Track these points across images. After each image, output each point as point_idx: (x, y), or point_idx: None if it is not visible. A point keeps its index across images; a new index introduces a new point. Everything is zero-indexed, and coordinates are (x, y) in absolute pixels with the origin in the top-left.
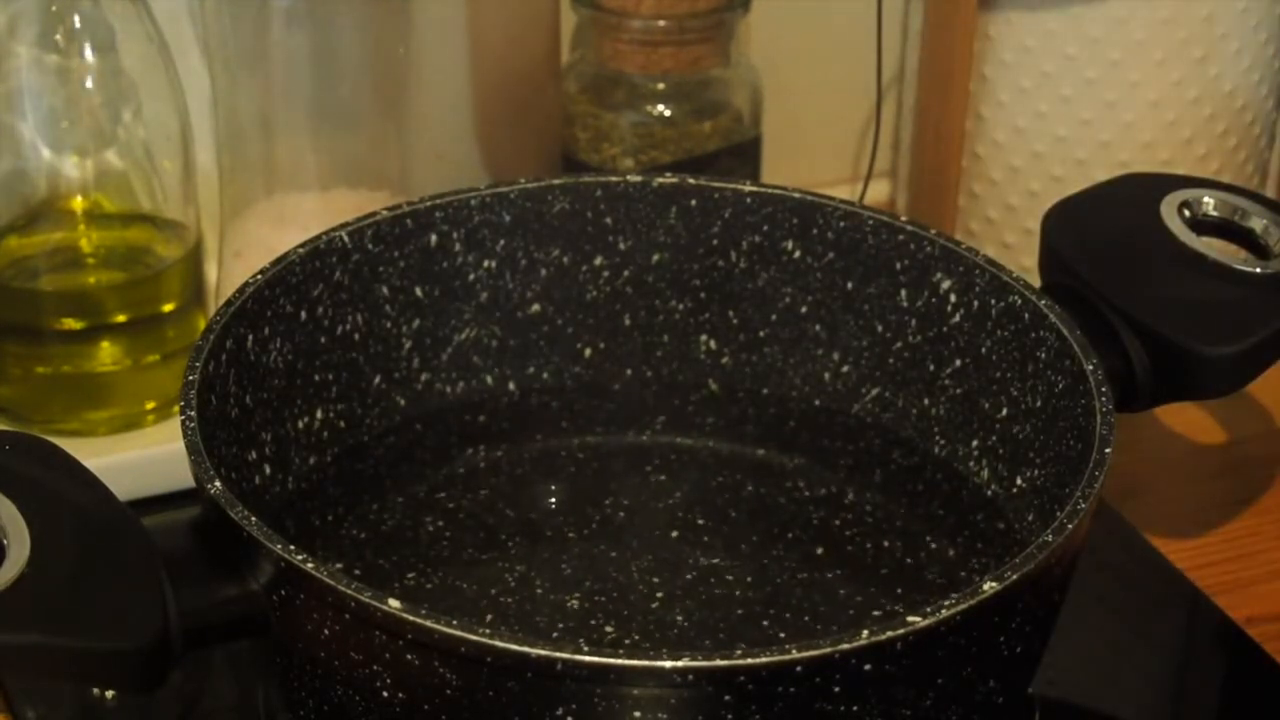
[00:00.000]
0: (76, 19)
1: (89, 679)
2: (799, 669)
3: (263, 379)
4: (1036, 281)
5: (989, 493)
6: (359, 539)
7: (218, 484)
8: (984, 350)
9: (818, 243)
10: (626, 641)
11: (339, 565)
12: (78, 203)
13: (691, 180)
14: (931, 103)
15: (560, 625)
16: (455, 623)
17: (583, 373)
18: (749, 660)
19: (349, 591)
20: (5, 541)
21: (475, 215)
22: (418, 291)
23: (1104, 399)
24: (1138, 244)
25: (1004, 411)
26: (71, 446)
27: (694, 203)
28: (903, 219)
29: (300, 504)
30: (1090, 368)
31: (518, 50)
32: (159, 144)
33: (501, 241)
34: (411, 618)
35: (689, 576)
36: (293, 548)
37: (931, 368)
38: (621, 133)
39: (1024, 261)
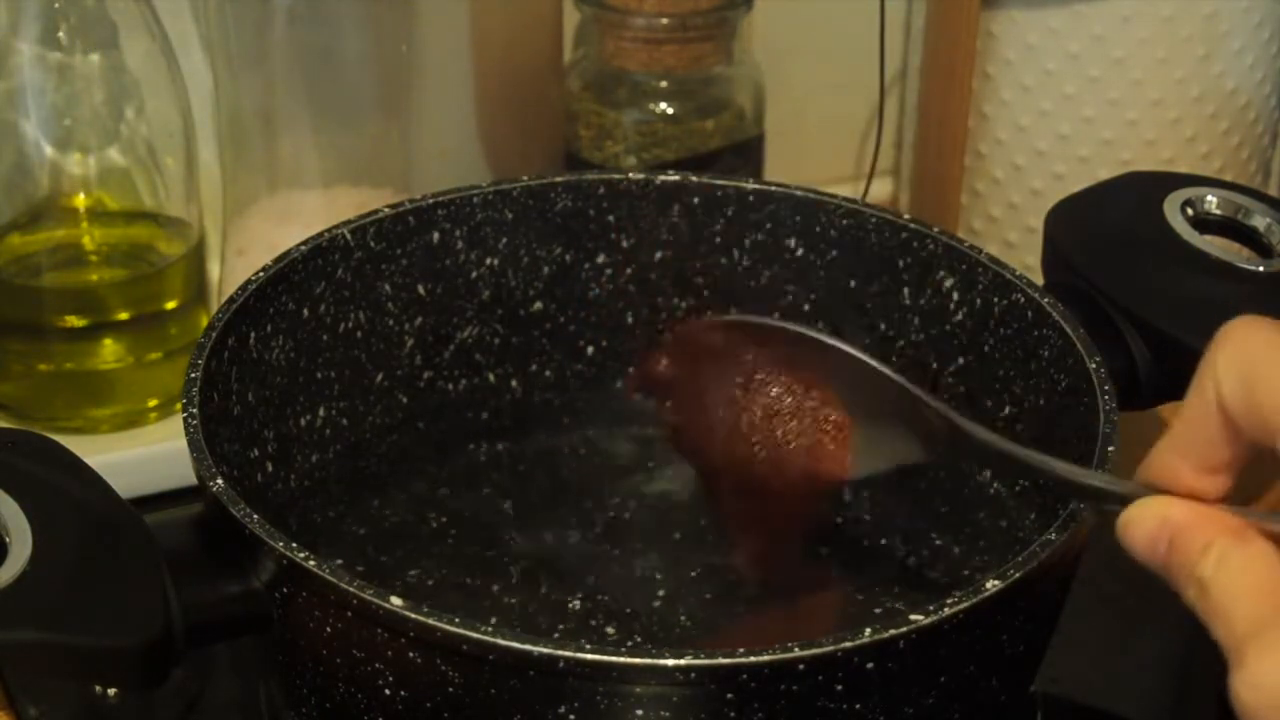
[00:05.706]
0: (79, 16)
1: (91, 676)
2: (801, 667)
3: (265, 376)
4: (1039, 280)
5: (991, 491)
6: (361, 536)
7: (220, 481)
8: (987, 348)
9: (820, 241)
10: (629, 640)
11: (341, 562)
12: (80, 200)
13: (694, 178)
14: (934, 101)
15: (562, 623)
16: (457, 621)
17: (585, 370)
18: (751, 658)
19: (351, 589)
20: (7, 539)
21: (478, 213)
22: (420, 289)
23: (1107, 397)
24: (1140, 242)
25: (1007, 410)
26: (74, 444)
27: (696, 200)
28: (905, 217)
29: (302, 501)
30: (1093, 366)
31: (520, 48)
32: (161, 141)
33: (504, 239)
34: (413, 615)
35: (691, 575)
36: (295, 545)
37: (934, 366)
38: (624, 130)
39: (1027, 260)
